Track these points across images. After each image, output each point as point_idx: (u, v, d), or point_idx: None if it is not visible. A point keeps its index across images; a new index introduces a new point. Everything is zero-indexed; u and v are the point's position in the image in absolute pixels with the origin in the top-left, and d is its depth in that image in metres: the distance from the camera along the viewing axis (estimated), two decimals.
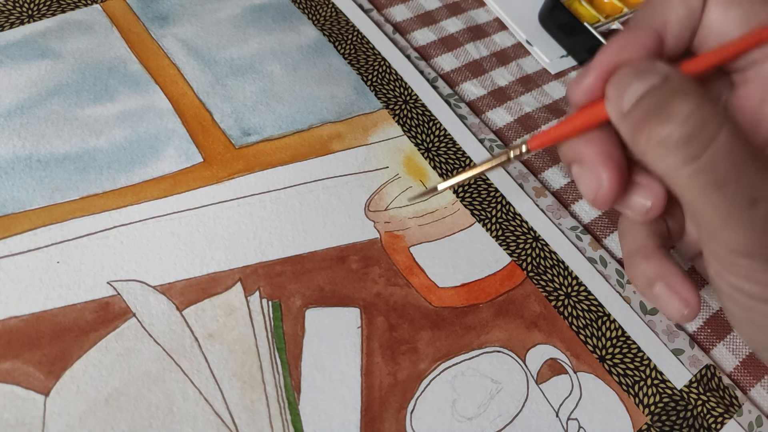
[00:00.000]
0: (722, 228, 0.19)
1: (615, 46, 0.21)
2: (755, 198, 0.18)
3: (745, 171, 0.18)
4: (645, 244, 0.24)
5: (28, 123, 0.28)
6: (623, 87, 0.20)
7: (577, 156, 0.22)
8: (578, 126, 0.22)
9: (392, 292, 0.27)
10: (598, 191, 0.22)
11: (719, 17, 0.22)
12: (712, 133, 0.18)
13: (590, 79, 0.21)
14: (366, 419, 0.24)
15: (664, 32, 0.22)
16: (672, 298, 0.23)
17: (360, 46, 0.35)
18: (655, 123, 0.19)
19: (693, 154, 0.18)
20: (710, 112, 0.18)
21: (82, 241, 0.25)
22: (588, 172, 0.22)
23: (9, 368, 0.22)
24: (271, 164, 0.30)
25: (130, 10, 0.33)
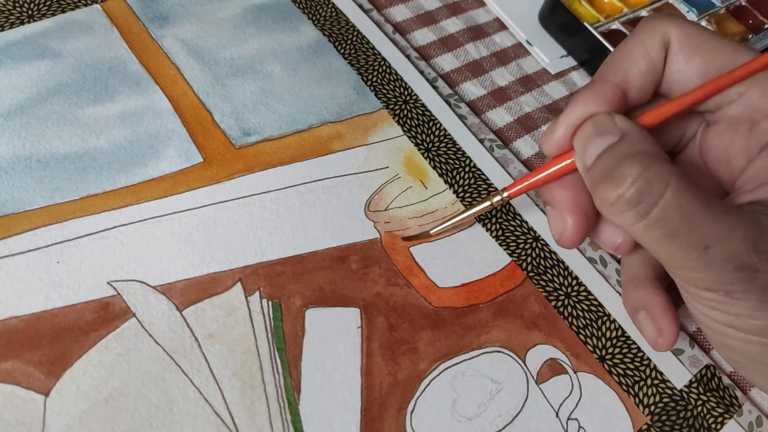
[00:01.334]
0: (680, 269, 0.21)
1: (580, 100, 0.23)
2: (708, 245, 0.20)
3: (696, 221, 0.20)
4: (638, 275, 0.26)
5: (28, 123, 0.28)
6: (586, 143, 0.22)
7: (550, 199, 0.25)
8: (551, 175, 0.25)
9: (392, 292, 0.27)
10: (563, 233, 0.25)
11: (681, 68, 0.24)
12: (659, 192, 0.20)
13: (559, 133, 0.24)
14: (366, 419, 0.24)
15: (627, 85, 0.24)
16: (649, 325, 0.25)
17: (360, 46, 0.35)
18: (608, 185, 0.21)
19: (643, 212, 0.20)
20: (657, 171, 0.20)
21: (82, 241, 0.25)
22: (556, 215, 0.25)
23: (9, 368, 0.22)
24: (271, 164, 0.30)
25: (130, 10, 0.33)
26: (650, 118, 0.23)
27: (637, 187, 0.20)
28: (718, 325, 0.21)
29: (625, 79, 0.23)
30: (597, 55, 0.38)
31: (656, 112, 0.23)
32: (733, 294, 0.20)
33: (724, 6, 0.41)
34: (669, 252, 0.20)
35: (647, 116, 0.23)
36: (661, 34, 0.23)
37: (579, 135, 0.23)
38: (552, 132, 0.24)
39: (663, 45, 0.23)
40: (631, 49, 0.24)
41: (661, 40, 0.23)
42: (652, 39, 0.23)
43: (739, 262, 0.19)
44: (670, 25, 0.23)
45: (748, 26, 0.41)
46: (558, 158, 0.24)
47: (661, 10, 0.41)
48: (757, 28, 0.41)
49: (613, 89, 0.23)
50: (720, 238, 0.19)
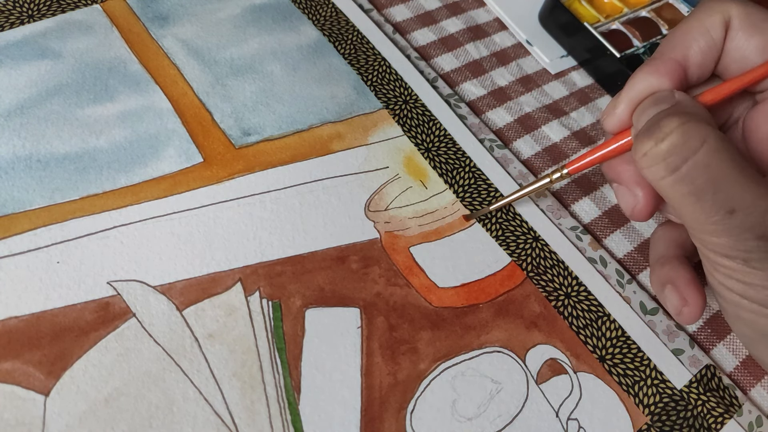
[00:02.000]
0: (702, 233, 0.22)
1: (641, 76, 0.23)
2: (732, 208, 0.20)
3: (724, 184, 0.20)
4: (665, 254, 0.27)
5: (28, 123, 0.28)
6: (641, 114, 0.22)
7: (617, 176, 0.25)
8: (612, 151, 0.25)
9: (392, 292, 0.27)
10: (635, 207, 0.25)
11: (740, 45, 0.23)
12: (693, 149, 0.20)
13: (620, 109, 0.24)
14: (366, 419, 0.24)
15: (686, 62, 0.24)
16: (674, 296, 0.25)
17: (360, 46, 0.35)
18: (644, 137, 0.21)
19: (672, 166, 0.20)
20: (693, 128, 0.20)
21: (82, 241, 0.25)
22: (625, 191, 0.25)
23: (9, 368, 0.22)
24: (271, 164, 0.30)
25: (130, 10, 0.33)
26: (711, 96, 0.23)
27: (671, 140, 0.20)
28: (733, 295, 0.22)
29: (685, 55, 0.23)
30: (597, 55, 0.38)
31: (717, 90, 0.23)
32: (750, 262, 0.20)
33: None
34: (693, 212, 0.21)
35: (708, 94, 0.23)
36: (721, 12, 0.23)
37: (639, 109, 0.23)
38: (613, 108, 0.24)
39: (723, 23, 0.23)
40: (691, 26, 0.24)
41: (722, 18, 0.23)
42: (713, 17, 0.23)
43: (761, 232, 0.20)
44: (731, 4, 0.23)
45: None
46: (619, 135, 0.24)
47: (661, 10, 0.41)
48: None
49: (673, 65, 0.23)
50: (746, 204, 0.20)
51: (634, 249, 0.32)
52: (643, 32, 0.39)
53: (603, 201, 0.33)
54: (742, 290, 0.21)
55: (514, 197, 0.29)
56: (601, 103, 0.38)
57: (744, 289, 0.21)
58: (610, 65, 0.37)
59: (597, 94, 0.38)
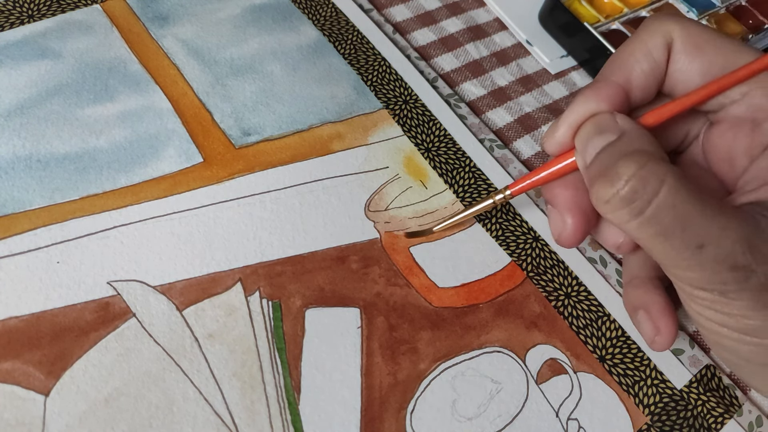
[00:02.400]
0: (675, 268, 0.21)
1: (582, 99, 0.23)
2: (701, 243, 0.20)
3: (689, 220, 0.20)
4: (638, 274, 0.26)
5: (28, 123, 0.28)
6: (586, 141, 0.22)
7: (551, 198, 0.25)
8: (553, 174, 0.25)
9: (392, 292, 0.27)
10: (562, 233, 0.25)
11: (683, 68, 0.24)
12: (654, 190, 0.20)
13: (561, 132, 0.24)
14: (366, 419, 0.24)
15: (629, 85, 0.24)
16: (647, 324, 0.25)
17: (360, 46, 0.35)
18: (603, 182, 0.21)
19: (637, 210, 0.20)
20: (652, 170, 0.20)
21: (82, 241, 0.25)
22: (556, 214, 0.25)
23: (9, 368, 0.22)
24: (271, 164, 0.30)
25: (130, 10, 0.33)
26: (652, 118, 0.23)
27: (632, 185, 0.20)
28: (712, 324, 0.22)
29: (628, 78, 0.23)
30: (597, 55, 0.38)
31: (658, 112, 0.23)
32: (727, 294, 0.20)
33: (724, 6, 0.41)
34: (663, 250, 0.21)
35: (649, 116, 0.23)
36: (663, 34, 0.23)
37: (580, 134, 0.23)
38: (554, 131, 0.24)
39: (666, 44, 0.23)
40: (634, 48, 0.24)
41: (664, 40, 0.23)
42: (655, 39, 0.23)
43: (733, 262, 0.19)
44: (673, 25, 0.23)
45: (748, 26, 0.41)
46: (560, 157, 0.24)
47: (661, 10, 0.41)
48: (757, 28, 0.41)
49: (615, 89, 0.23)
50: (714, 237, 0.19)
51: None
52: None
53: None
54: (720, 320, 0.21)
55: (456, 219, 0.28)
56: None
57: (723, 318, 0.21)
58: None
59: None
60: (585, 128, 0.23)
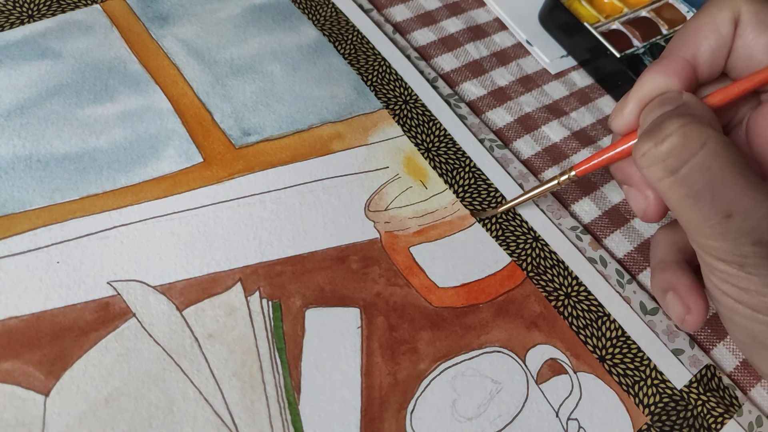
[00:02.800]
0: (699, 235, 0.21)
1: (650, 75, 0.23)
2: (730, 212, 0.20)
3: (722, 187, 0.20)
4: (665, 258, 0.26)
5: (28, 123, 0.28)
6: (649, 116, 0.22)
7: (626, 178, 0.25)
8: (620, 153, 0.24)
9: (392, 292, 0.27)
10: (647, 209, 0.24)
11: (749, 43, 0.23)
12: (692, 151, 0.20)
13: (629, 109, 0.23)
14: (366, 419, 0.24)
15: (695, 61, 0.23)
16: (677, 304, 0.25)
17: (360, 46, 0.35)
18: (645, 138, 0.21)
19: (671, 168, 0.20)
20: (694, 130, 0.20)
21: (82, 241, 0.25)
22: (635, 193, 0.25)
23: (9, 368, 0.22)
24: (271, 164, 0.30)
25: (130, 10, 0.33)
26: (718, 97, 0.22)
27: (671, 141, 0.20)
28: (727, 299, 0.22)
29: (695, 54, 0.23)
30: (597, 55, 0.38)
31: (725, 91, 0.22)
32: (745, 267, 0.20)
33: None
34: (690, 215, 0.20)
35: (716, 95, 0.23)
36: (731, 9, 0.23)
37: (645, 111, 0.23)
38: (621, 108, 0.23)
39: (733, 19, 0.23)
40: (701, 24, 0.23)
41: (731, 15, 0.23)
42: (722, 13, 0.23)
43: (758, 237, 0.19)
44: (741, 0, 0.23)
45: None
46: (627, 137, 0.24)
47: (661, 10, 0.41)
48: None
49: (683, 64, 0.23)
50: (743, 208, 0.19)
51: (634, 249, 0.32)
52: (643, 32, 0.39)
53: (603, 201, 0.33)
54: (737, 295, 0.21)
55: (522, 199, 0.29)
56: (601, 103, 0.38)
57: (739, 293, 0.21)
58: (610, 65, 0.37)
59: (597, 94, 0.38)
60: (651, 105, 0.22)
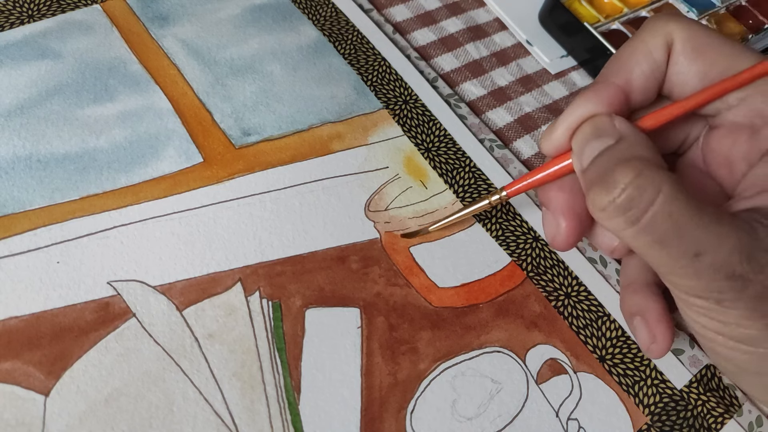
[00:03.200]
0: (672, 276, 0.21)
1: (581, 101, 0.23)
2: (698, 251, 0.19)
3: (686, 228, 0.19)
4: (636, 279, 0.26)
5: (28, 123, 0.28)
6: (583, 144, 0.22)
7: (546, 201, 0.25)
8: (549, 175, 0.24)
9: (392, 292, 0.27)
10: (555, 236, 0.25)
11: (682, 70, 0.23)
12: (650, 199, 0.19)
13: (558, 133, 0.23)
14: (366, 419, 0.24)
15: (629, 86, 0.23)
16: (643, 331, 0.25)
17: (360, 46, 0.35)
18: (599, 189, 0.21)
19: (633, 218, 0.20)
20: (649, 178, 0.20)
21: (82, 241, 0.25)
22: (550, 217, 0.25)
23: (9, 368, 0.22)
24: (271, 164, 0.30)
25: (130, 10, 0.33)
26: (650, 121, 0.23)
27: (628, 193, 0.20)
28: (707, 331, 0.21)
29: (628, 79, 0.23)
30: (597, 55, 0.38)
31: (656, 116, 0.23)
32: (723, 302, 0.20)
33: (724, 6, 0.41)
34: (660, 258, 0.20)
35: (647, 119, 0.23)
36: (664, 35, 0.23)
37: (577, 136, 0.23)
38: (551, 132, 0.24)
39: (666, 46, 0.23)
40: (635, 49, 0.23)
41: (664, 41, 0.23)
42: (655, 39, 0.23)
43: (730, 271, 0.19)
44: (674, 25, 0.23)
45: (748, 26, 0.41)
46: (556, 159, 0.24)
47: (661, 10, 0.41)
48: (757, 28, 0.41)
49: (615, 90, 0.23)
50: (711, 246, 0.19)
51: None
52: None
53: None
54: (716, 328, 0.21)
55: (453, 218, 0.28)
56: None
57: (718, 326, 0.21)
58: None
59: None
60: (582, 130, 0.23)
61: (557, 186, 0.25)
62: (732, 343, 0.21)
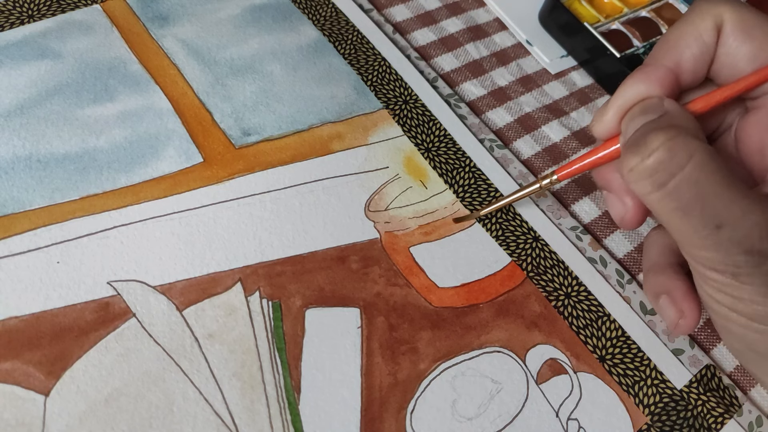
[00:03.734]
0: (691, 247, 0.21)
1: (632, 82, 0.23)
2: (720, 223, 0.20)
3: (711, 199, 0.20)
4: (658, 261, 0.26)
5: (28, 123, 0.28)
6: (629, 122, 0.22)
7: (606, 184, 0.25)
8: (601, 158, 0.24)
9: (392, 292, 0.27)
10: (624, 215, 0.24)
11: (731, 52, 0.23)
12: (679, 164, 0.20)
13: (609, 115, 0.23)
14: (366, 419, 0.24)
15: (678, 68, 0.23)
16: (670, 308, 0.25)
17: (360, 46, 0.35)
18: (631, 152, 0.21)
19: (659, 182, 0.20)
20: (680, 143, 0.20)
21: (82, 241, 0.25)
22: (614, 199, 0.25)
23: (9, 368, 0.22)
24: (271, 164, 0.30)
25: (130, 10, 0.33)
26: (700, 104, 0.23)
27: (658, 155, 0.20)
28: (722, 308, 0.22)
29: (678, 62, 0.23)
30: (597, 55, 0.38)
31: (707, 98, 0.22)
32: (739, 277, 0.20)
33: None
34: (681, 227, 0.20)
35: (698, 102, 0.23)
36: (713, 17, 0.23)
37: (627, 117, 0.23)
38: (602, 114, 0.24)
39: (716, 27, 0.23)
40: (684, 31, 0.23)
41: (714, 23, 0.23)
42: (705, 22, 0.23)
43: (749, 246, 0.19)
44: (724, 8, 0.23)
45: None
46: (608, 142, 0.24)
47: (661, 10, 0.41)
48: None
49: (665, 72, 0.23)
50: (733, 219, 0.19)
51: (634, 249, 0.32)
52: (643, 32, 0.39)
53: (603, 201, 0.33)
54: (731, 304, 0.21)
55: (507, 201, 0.28)
56: (601, 103, 0.38)
57: (733, 302, 0.21)
58: (610, 65, 0.37)
59: (597, 94, 0.38)
60: (633, 111, 0.22)
61: (614, 167, 0.24)
62: (745, 321, 0.21)
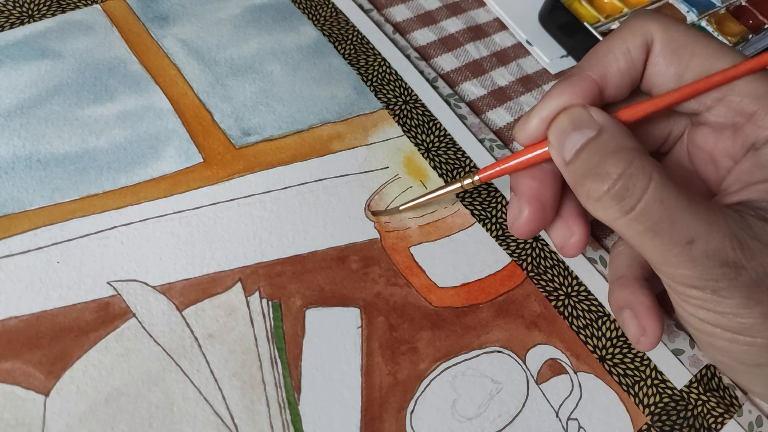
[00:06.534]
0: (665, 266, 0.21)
1: (556, 92, 0.23)
2: (691, 238, 0.20)
3: (677, 215, 0.20)
4: (624, 274, 0.26)
5: (28, 123, 0.28)
6: (562, 136, 0.22)
7: (515, 186, 0.25)
8: (523, 163, 0.25)
9: (392, 292, 0.27)
10: (516, 221, 0.25)
11: (660, 71, 0.24)
12: (643, 187, 0.20)
13: (533, 124, 0.24)
14: (366, 419, 0.24)
15: (604, 81, 0.24)
16: (633, 324, 0.25)
17: (360, 46, 0.35)
18: (592, 181, 0.21)
19: (627, 207, 0.20)
20: (640, 166, 0.20)
21: (82, 241, 0.25)
22: (516, 202, 0.25)
23: (9, 368, 0.22)
24: (271, 164, 0.30)
25: (130, 10, 0.33)
26: (627, 115, 0.23)
27: (623, 182, 0.20)
28: (705, 325, 0.21)
29: (604, 75, 0.23)
30: None
31: (633, 110, 0.23)
32: (719, 291, 0.20)
33: (724, 6, 0.41)
34: (653, 247, 0.21)
35: (624, 112, 0.23)
36: (643, 34, 0.23)
37: (554, 127, 0.23)
38: (526, 122, 0.24)
39: (645, 45, 0.23)
40: (613, 45, 0.24)
41: (643, 40, 0.23)
42: (635, 38, 0.23)
43: (724, 258, 0.19)
44: (655, 26, 0.23)
45: (748, 26, 0.41)
46: (530, 148, 0.24)
47: (661, 10, 0.41)
48: (757, 28, 0.41)
49: (590, 83, 0.23)
50: (703, 232, 0.20)
51: None
52: None
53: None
54: (714, 320, 0.21)
55: (427, 198, 0.28)
56: None
57: (716, 318, 0.21)
58: None
59: None
60: (560, 121, 0.23)
61: (529, 174, 0.25)
62: (730, 335, 0.21)
